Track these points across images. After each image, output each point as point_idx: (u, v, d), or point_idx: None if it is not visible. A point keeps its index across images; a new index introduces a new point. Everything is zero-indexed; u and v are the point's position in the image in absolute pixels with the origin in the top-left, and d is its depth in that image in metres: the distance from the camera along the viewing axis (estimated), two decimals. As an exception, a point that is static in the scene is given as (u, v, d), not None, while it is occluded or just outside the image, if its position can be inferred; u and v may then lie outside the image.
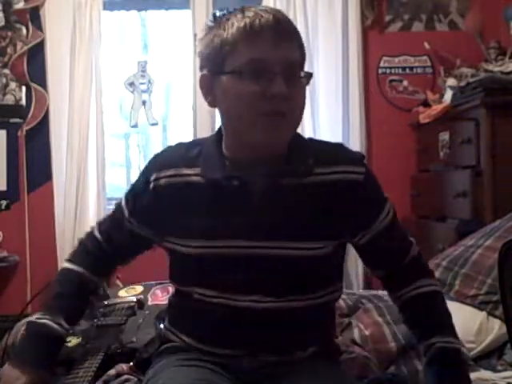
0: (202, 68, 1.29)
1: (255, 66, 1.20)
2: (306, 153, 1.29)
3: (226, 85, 1.23)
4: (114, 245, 1.42)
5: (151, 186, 1.31)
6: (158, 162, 1.34)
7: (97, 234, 1.43)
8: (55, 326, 1.34)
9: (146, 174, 1.35)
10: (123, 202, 1.39)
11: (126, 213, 1.38)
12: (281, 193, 1.26)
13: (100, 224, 1.45)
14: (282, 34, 1.21)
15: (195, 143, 1.35)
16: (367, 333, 1.83)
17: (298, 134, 1.33)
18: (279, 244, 1.25)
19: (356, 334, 1.83)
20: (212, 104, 1.29)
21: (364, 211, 1.31)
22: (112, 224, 1.43)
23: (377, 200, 1.35)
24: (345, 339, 1.80)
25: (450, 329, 1.34)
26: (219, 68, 1.23)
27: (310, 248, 1.27)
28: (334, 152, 1.32)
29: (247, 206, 1.26)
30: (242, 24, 1.20)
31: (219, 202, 1.27)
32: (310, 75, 1.26)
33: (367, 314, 1.91)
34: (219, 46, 1.22)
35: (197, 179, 1.28)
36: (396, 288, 1.39)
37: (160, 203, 1.31)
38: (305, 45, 1.28)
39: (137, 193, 1.36)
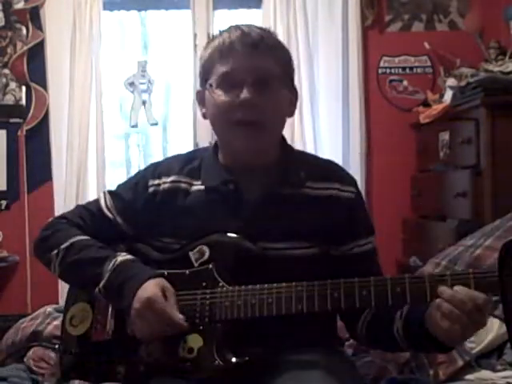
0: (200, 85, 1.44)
1: (226, 78, 1.33)
2: (297, 165, 1.39)
3: (207, 98, 1.38)
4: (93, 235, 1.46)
5: (150, 190, 1.42)
6: (158, 170, 1.44)
7: (77, 219, 1.51)
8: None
9: (142, 180, 1.45)
10: (110, 204, 1.46)
11: (114, 214, 1.45)
12: (273, 201, 1.35)
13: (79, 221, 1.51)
14: (250, 46, 1.32)
15: (195, 156, 1.46)
16: None
17: (290, 147, 1.44)
18: (268, 245, 1.31)
19: None
20: (204, 116, 1.43)
21: (345, 228, 1.36)
22: (93, 221, 1.47)
23: (360, 224, 1.40)
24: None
25: None
26: (204, 83, 1.39)
27: (297, 247, 1.33)
28: (326, 168, 1.43)
29: (240, 210, 1.35)
30: (216, 43, 1.36)
31: (217, 206, 1.37)
32: (294, 92, 1.41)
33: None
34: (202, 64, 1.40)
35: (198, 188, 1.39)
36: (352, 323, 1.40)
37: (159, 206, 1.40)
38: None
39: (130, 197, 1.45)
